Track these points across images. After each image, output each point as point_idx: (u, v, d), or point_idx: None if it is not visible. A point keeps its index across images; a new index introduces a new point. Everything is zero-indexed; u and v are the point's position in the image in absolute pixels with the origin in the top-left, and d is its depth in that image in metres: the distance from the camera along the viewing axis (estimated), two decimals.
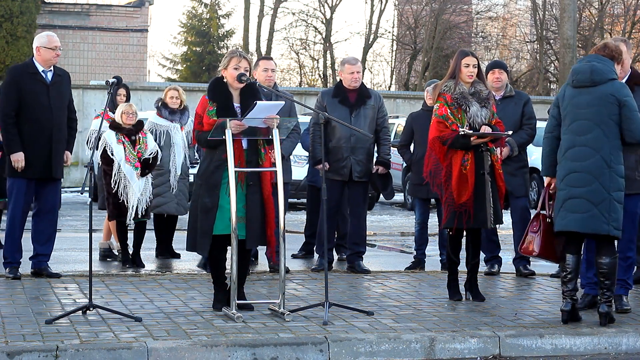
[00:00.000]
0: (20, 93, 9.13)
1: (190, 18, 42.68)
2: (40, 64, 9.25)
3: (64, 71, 9.52)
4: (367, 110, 10.03)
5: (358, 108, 10.01)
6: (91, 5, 34.78)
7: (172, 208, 10.95)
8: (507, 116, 9.90)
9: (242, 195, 7.62)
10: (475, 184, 8.27)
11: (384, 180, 10.22)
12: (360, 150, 10.00)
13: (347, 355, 6.86)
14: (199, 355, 6.63)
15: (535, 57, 41.66)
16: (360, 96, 10.07)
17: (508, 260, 10.43)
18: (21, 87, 9.14)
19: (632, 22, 39.26)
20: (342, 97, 10.07)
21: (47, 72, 9.25)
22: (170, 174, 10.85)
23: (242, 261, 7.71)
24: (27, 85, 9.15)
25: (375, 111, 10.07)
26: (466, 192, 8.23)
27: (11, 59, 30.27)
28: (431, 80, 10.72)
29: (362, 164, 10.02)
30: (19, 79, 9.19)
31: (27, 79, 9.18)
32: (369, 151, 10.08)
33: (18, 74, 9.24)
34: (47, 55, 9.23)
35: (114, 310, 7.48)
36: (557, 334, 7.27)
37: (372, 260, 11.03)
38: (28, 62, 9.35)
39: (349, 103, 10.02)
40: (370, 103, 10.08)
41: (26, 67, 9.32)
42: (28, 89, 9.15)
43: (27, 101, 9.12)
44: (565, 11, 26.03)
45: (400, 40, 43.47)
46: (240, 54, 7.82)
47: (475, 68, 8.47)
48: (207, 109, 7.74)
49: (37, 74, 9.20)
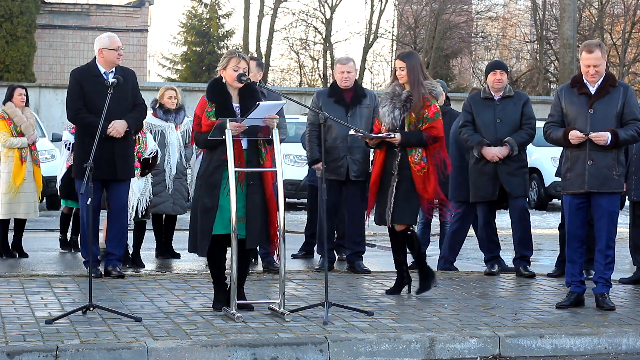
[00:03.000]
0: (83, 95, 9.17)
1: (190, 18, 42.67)
2: (103, 65, 9.28)
3: (126, 70, 9.49)
4: (362, 109, 10.01)
5: (354, 108, 9.99)
6: (91, 5, 34.76)
7: (169, 208, 10.93)
8: (506, 116, 9.92)
9: (242, 195, 7.62)
10: (381, 182, 8.55)
11: None
12: (357, 150, 9.99)
13: (347, 355, 6.86)
14: (199, 355, 6.63)
15: (535, 57, 41.66)
16: (356, 96, 10.05)
17: (508, 260, 10.43)
18: (84, 90, 9.18)
19: (632, 22, 39.24)
20: (337, 97, 10.05)
21: (108, 73, 9.25)
22: (165, 174, 10.85)
23: (242, 261, 7.72)
24: (90, 88, 9.18)
25: (371, 111, 10.04)
26: (372, 189, 8.64)
27: (11, 59, 30.27)
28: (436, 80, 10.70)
29: (358, 164, 10.01)
30: (82, 81, 9.22)
31: (90, 81, 9.22)
32: (366, 150, 10.07)
33: (81, 77, 9.26)
34: (110, 57, 9.26)
35: (114, 310, 7.47)
36: (557, 334, 7.27)
37: (372, 260, 11.02)
38: (90, 64, 9.37)
39: (344, 103, 10.00)
40: (365, 102, 10.05)
41: (89, 69, 9.33)
42: (91, 91, 9.17)
43: (90, 103, 9.15)
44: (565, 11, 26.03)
45: (400, 40, 43.45)
46: (239, 55, 7.82)
47: (402, 70, 8.53)
48: (206, 109, 7.74)
49: (99, 77, 9.21)
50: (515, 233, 10.04)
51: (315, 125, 10.07)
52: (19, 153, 11.11)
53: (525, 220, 9.99)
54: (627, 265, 10.12)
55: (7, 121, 11.15)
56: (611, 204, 8.19)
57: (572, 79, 8.38)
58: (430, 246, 10.86)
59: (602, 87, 8.17)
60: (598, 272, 8.23)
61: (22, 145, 11.12)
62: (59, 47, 33.64)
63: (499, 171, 9.83)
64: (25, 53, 30.67)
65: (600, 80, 8.18)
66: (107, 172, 9.16)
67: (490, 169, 9.85)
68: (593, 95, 8.15)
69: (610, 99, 8.15)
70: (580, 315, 7.92)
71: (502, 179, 9.83)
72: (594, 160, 8.11)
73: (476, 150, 9.86)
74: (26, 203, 11.16)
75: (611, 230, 8.19)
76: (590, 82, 8.17)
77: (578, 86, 8.22)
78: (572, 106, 8.20)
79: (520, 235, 9.99)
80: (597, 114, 8.11)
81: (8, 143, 11.08)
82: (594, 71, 8.12)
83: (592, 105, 8.12)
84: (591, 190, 8.13)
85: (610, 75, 8.28)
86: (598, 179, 8.11)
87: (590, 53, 8.14)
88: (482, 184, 9.92)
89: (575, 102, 8.19)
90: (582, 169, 8.14)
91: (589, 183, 8.12)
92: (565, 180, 8.31)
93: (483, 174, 9.90)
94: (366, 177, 10.08)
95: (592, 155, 8.11)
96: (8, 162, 11.11)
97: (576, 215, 8.24)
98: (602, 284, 8.20)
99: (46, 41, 33.17)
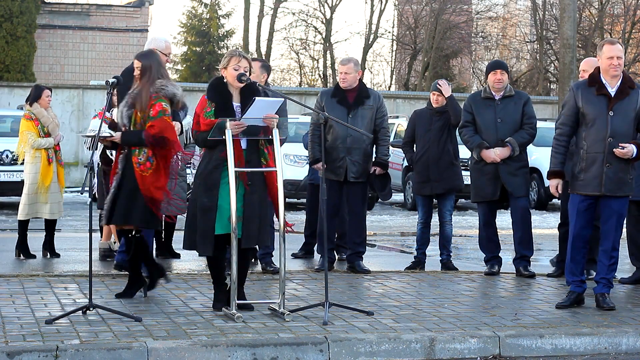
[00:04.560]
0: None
1: (190, 18, 42.64)
2: None
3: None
4: (365, 110, 10.01)
5: (356, 108, 9.98)
6: (91, 5, 34.77)
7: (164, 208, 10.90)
8: (507, 116, 9.92)
9: (240, 195, 7.61)
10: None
11: (382, 180, 10.20)
12: (357, 151, 9.98)
13: (347, 355, 6.86)
14: (199, 355, 6.63)
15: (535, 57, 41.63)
16: (359, 96, 10.04)
17: (508, 260, 10.43)
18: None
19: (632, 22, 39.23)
20: (340, 97, 10.04)
21: None
22: None
23: (242, 261, 7.71)
24: None
25: (373, 112, 10.04)
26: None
27: (11, 59, 30.28)
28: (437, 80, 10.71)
29: (358, 165, 10.00)
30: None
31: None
32: (366, 152, 10.06)
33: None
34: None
35: (114, 310, 7.48)
36: (557, 334, 7.27)
37: (372, 260, 11.02)
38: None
39: (347, 103, 9.99)
40: (368, 103, 10.04)
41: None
42: None
43: None
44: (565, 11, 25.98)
45: (400, 40, 43.46)
46: (240, 54, 7.82)
47: (138, 70, 8.29)
48: (205, 109, 7.74)
49: None
50: (516, 233, 10.03)
51: (317, 125, 10.08)
52: (46, 154, 11.15)
53: (526, 220, 9.99)
54: (627, 265, 10.11)
55: (34, 122, 11.19)
56: (621, 206, 8.18)
57: (589, 77, 8.24)
58: (430, 246, 10.85)
59: (622, 89, 8.11)
60: (601, 273, 8.20)
61: (49, 146, 11.15)
62: (59, 47, 33.65)
63: (500, 171, 9.83)
64: (25, 53, 30.68)
65: (619, 82, 8.14)
66: None
67: (491, 169, 9.86)
68: (613, 97, 8.09)
69: (629, 102, 8.10)
70: (580, 315, 7.92)
71: (503, 179, 9.83)
72: (611, 164, 8.06)
73: (476, 152, 9.87)
74: (51, 203, 11.19)
75: (618, 232, 8.17)
76: (611, 79, 8.09)
77: (597, 86, 8.12)
78: (591, 106, 8.09)
79: (521, 235, 9.99)
80: (616, 117, 8.06)
81: (36, 144, 11.12)
82: (617, 62, 8.06)
83: (612, 108, 8.08)
84: (607, 193, 8.08)
85: (628, 77, 8.23)
86: (614, 182, 8.07)
87: (612, 45, 8.12)
88: (483, 184, 9.93)
89: (594, 102, 8.10)
90: (599, 171, 8.07)
91: (605, 186, 8.06)
92: (578, 180, 8.18)
93: (484, 174, 9.91)
94: (366, 178, 10.09)
95: (610, 158, 8.06)
96: (35, 162, 11.14)
97: (583, 215, 8.19)
98: (604, 284, 8.19)
99: (46, 41, 33.19)
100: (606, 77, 8.13)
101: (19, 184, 17.48)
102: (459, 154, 10.61)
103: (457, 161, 10.55)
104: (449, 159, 10.45)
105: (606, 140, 8.04)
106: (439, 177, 10.42)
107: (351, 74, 10.02)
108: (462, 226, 16.71)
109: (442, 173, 10.42)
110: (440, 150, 10.42)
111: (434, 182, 10.45)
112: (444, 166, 10.42)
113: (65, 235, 13.61)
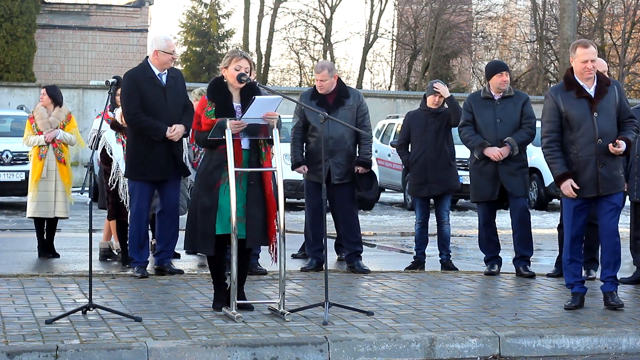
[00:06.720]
0: (140, 96, 9.23)
1: (190, 18, 42.67)
2: (157, 67, 9.35)
3: (176, 71, 9.66)
4: (345, 111, 9.96)
5: (336, 109, 9.94)
6: (91, 5, 34.78)
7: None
8: (506, 116, 9.92)
9: (242, 195, 7.61)
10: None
11: (367, 179, 10.19)
12: (339, 153, 9.98)
13: (347, 355, 6.86)
14: (199, 355, 6.63)
15: (535, 57, 41.66)
16: (338, 97, 10.02)
17: (508, 260, 10.43)
18: (140, 91, 9.24)
19: (632, 22, 39.23)
20: (319, 99, 10.03)
21: (162, 75, 9.35)
22: None
23: (242, 261, 7.71)
24: (145, 89, 9.26)
25: (354, 111, 10.00)
26: None
27: (11, 59, 30.29)
28: (436, 80, 10.70)
29: (341, 167, 9.99)
30: (138, 82, 9.27)
31: (144, 82, 9.28)
32: (349, 153, 10.05)
33: (137, 78, 9.31)
34: (164, 59, 9.34)
35: (114, 310, 7.48)
36: (557, 334, 7.27)
37: (372, 260, 11.02)
38: (144, 64, 9.43)
39: (326, 105, 9.96)
40: (348, 103, 10.02)
41: (143, 70, 9.39)
42: (146, 92, 9.25)
43: (145, 105, 9.22)
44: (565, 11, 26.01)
45: (400, 40, 43.48)
46: (241, 54, 7.82)
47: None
48: (206, 109, 7.74)
49: (154, 78, 9.32)
50: (515, 233, 10.03)
51: (299, 128, 10.13)
52: (37, 151, 11.21)
53: (525, 220, 9.98)
54: (627, 265, 10.11)
55: (30, 120, 11.34)
56: (619, 200, 8.24)
57: (565, 81, 8.21)
58: (429, 246, 10.85)
59: (600, 89, 8.10)
60: (607, 272, 8.20)
61: (39, 143, 11.18)
62: (59, 47, 33.67)
63: (500, 171, 9.83)
64: (25, 53, 30.70)
65: (595, 82, 8.13)
66: (162, 173, 9.33)
67: (490, 169, 9.85)
68: (594, 98, 8.08)
69: (608, 99, 8.11)
70: (580, 315, 7.92)
71: (503, 179, 9.83)
72: (605, 164, 8.05)
73: (477, 151, 9.85)
74: (47, 202, 11.19)
75: (616, 225, 8.19)
76: (587, 81, 8.10)
77: (576, 89, 8.10)
78: (575, 111, 8.05)
79: (520, 235, 9.99)
80: (601, 117, 8.04)
81: (26, 141, 11.26)
82: (591, 66, 8.05)
83: (595, 109, 8.06)
84: (605, 193, 8.07)
85: (602, 75, 8.23)
86: (610, 181, 8.06)
87: (586, 48, 8.08)
88: (482, 184, 9.92)
89: (576, 105, 8.06)
90: (594, 173, 8.04)
91: (602, 187, 8.05)
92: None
93: (483, 174, 9.90)
94: (351, 179, 10.06)
95: (603, 159, 8.04)
96: (32, 160, 11.29)
97: (579, 217, 8.19)
98: (611, 282, 8.18)
99: (46, 41, 33.20)
100: (581, 79, 8.12)
101: (19, 184, 17.52)
102: (455, 155, 10.60)
103: (453, 162, 10.55)
104: (447, 160, 10.44)
105: (596, 142, 8.03)
106: (436, 179, 10.41)
107: (327, 81, 10.00)
108: (462, 226, 16.72)
109: (440, 175, 10.40)
110: (437, 151, 10.41)
111: (432, 184, 10.44)
112: (442, 168, 10.40)
113: (65, 235, 13.61)
